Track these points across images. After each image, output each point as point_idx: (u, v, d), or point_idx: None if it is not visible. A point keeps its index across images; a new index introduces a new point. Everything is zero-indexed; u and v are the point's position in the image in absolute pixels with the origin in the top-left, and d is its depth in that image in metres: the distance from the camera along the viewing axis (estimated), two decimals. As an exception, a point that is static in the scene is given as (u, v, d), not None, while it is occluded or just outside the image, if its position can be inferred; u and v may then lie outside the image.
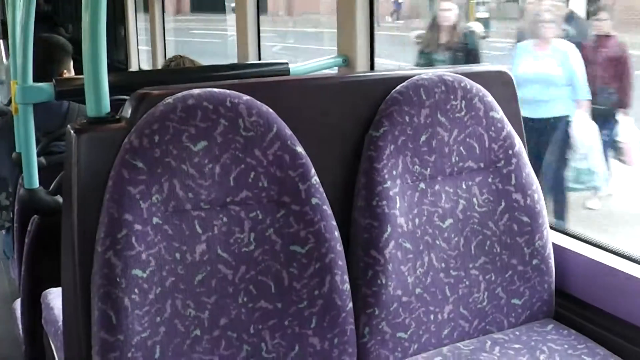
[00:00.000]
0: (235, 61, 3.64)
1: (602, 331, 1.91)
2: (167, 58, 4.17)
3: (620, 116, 4.61)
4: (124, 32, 5.51)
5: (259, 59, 3.60)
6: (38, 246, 2.56)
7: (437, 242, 1.87)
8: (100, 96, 1.67)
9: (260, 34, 3.55)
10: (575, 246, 2.05)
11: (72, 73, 3.33)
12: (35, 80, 2.51)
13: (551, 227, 2.05)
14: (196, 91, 1.68)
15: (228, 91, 1.70)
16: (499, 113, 1.96)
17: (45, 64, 2.81)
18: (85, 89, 1.68)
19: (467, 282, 1.90)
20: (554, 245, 2.01)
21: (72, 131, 1.64)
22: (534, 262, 1.96)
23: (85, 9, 1.64)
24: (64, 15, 8.57)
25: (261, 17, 3.59)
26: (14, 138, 2.96)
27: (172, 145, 1.62)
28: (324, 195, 1.74)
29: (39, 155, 2.75)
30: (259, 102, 1.72)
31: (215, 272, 1.64)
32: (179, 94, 1.67)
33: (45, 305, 2.14)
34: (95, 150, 1.62)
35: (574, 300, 2.03)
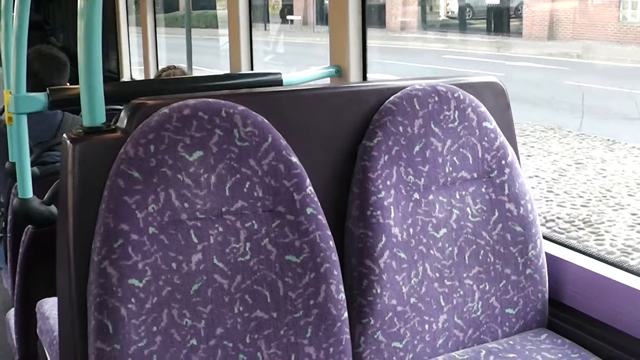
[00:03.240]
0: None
1: (595, 340, 1.92)
2: (160, 68, 4.19)
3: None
4: (116, 40, 5.52)
5: (252, 69, 3.61)
6: (33, 256, 2.56)
7: (432, 251, 1.87)
8: (95, 106, 1.67)
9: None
10: (568, 256, 2.07)
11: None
12: (28, 90, 2.51)
13: (544, 237, 2.06)
14: (191, 101, 1.69)
15: (223, 101, 1.71)
16: (492, 123, 1.97)
17: (47, 77, 2.81)
18: (81, 99, 1.68)
19: (462, 292, 1.91)
20: (547, 254, 2.02)
21: (67, 141, 1.64)
22: (528, 271, 1.97)
23: (80, 17, 1.64)
24: (55, 24, 8.57)
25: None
26: (5, 148, 2.96)
27: (167, 155, 1.62)
28: (319, 205, 1.75)
29: (32, 165, 2.75)
30: (254, 113, 1.72)
31: (211, 282, 1.64)
32: (175, 104, 1.67)
33: (41, 315, 2.13)
34: (91, 160, 1.62)
35: (567, 309, 2.04)
